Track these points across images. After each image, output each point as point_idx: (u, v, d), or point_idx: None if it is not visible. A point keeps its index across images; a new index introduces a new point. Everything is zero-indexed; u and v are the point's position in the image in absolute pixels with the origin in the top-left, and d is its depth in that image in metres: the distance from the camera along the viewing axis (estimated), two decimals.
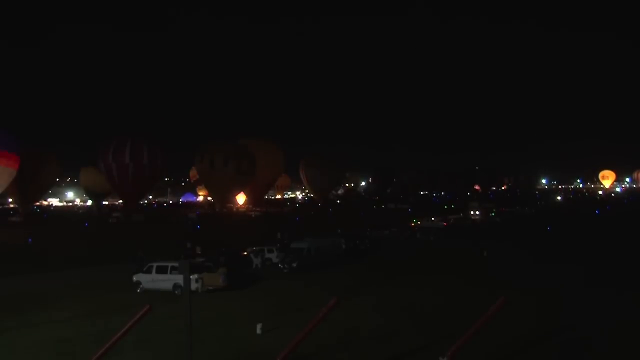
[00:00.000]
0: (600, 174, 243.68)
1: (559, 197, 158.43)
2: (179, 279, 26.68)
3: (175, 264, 28.43)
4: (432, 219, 68.46)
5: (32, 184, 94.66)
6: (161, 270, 28.43)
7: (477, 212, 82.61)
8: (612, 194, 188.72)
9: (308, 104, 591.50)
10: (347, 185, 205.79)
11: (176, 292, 26.79)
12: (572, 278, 29.00)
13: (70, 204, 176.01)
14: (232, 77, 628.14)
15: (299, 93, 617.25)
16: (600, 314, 20.74)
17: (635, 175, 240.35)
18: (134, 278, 29.26)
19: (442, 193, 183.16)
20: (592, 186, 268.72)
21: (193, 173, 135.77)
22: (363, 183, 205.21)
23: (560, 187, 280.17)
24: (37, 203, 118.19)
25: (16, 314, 23.45)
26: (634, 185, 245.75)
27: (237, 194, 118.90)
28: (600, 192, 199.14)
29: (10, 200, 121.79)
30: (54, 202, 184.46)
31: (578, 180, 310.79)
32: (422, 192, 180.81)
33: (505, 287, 25.07)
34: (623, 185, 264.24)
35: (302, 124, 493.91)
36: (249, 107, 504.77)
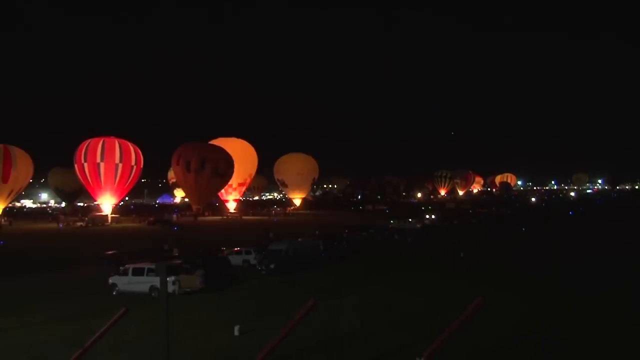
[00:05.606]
0: (574, 176, 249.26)
1: (533, 199, 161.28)
2: (155, 281, 26.27)
3: (152, 266, 28.06)
4: (410, 220, 69.15)
5: (4, 185, 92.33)
6: (137, 272, 28.05)
7: (433, 217, 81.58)
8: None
9: (286, 103, 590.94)
10: (324, 187, 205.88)
11: (153, 294, 26.45)
12: (548, 277, 29.53)
13: (44, 205, 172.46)
14: (209, 77, 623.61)
15: (277, 92, 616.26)
16: (577, 312, 21.18)
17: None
18: (110, 280, 28.84)
19: (420, 195, 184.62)
20: (566, 187, 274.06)
21: (171, 175, 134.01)
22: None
23: (535, 188, 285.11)
24: (10, 205, 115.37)
25: None
26: (606, 187, 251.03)
27: (214, 196, 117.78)
28: (572, 194, 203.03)
29: None
30: (28, 203, 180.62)
31: (552, 182, 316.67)
32: (402, 193, 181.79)
33: (481, 287, 25.44)
34: (595, 187, 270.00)
35: (277, 124, 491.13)
36: (224, 107, 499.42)
